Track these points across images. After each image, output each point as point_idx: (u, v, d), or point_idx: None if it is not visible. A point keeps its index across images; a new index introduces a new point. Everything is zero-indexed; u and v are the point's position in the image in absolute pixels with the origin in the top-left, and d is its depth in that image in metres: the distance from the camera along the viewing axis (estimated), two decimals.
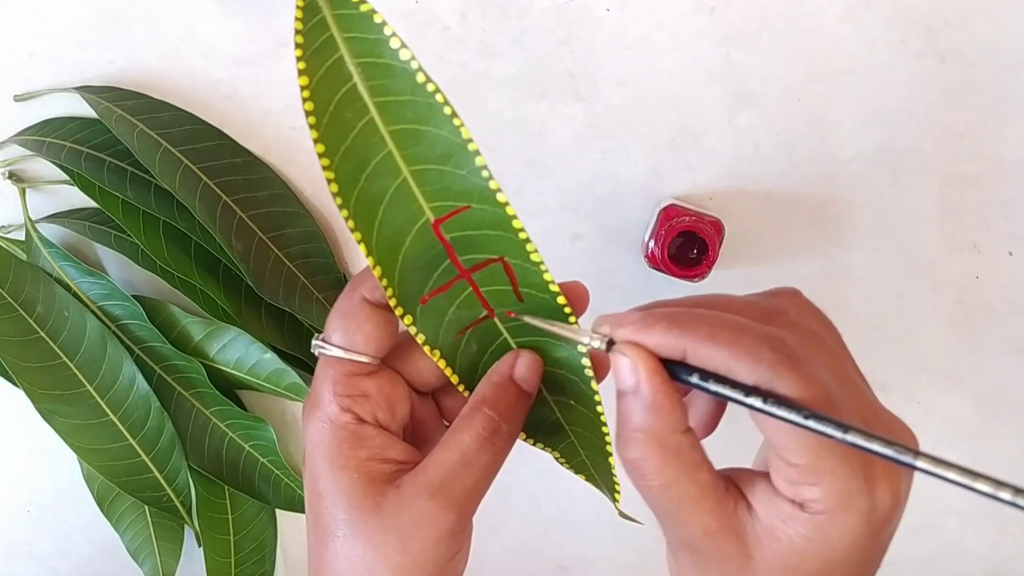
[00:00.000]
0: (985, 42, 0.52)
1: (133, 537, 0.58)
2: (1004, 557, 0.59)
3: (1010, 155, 0.53)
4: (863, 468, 0.29)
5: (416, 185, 0.33)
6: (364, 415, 0.35)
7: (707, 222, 0.50)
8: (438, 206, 0.33)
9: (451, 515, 0.33)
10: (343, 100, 0.31)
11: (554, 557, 0.61)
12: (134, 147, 0.52)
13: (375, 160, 0.32)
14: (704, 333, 0.30)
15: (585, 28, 0.53)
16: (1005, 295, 0.55)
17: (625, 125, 0.54)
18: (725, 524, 0.30)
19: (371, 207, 0.33)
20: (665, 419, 0.30)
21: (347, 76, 0.31)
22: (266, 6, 0.54)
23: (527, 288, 0.35)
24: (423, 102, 0.32)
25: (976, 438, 0.57)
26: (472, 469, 0.34)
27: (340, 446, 0.34)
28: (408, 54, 0.31)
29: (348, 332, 0.35)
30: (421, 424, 0.37)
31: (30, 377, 0.53)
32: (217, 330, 0.56)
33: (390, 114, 0.32)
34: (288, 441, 0.60)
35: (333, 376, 0.35)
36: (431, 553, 0.33)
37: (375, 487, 0.34)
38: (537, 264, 0.34)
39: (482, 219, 0.33)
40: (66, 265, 0.56)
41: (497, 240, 0.34)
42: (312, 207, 0.57)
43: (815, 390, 0.29)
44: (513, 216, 0.33)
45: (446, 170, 0.33)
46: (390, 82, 0.31)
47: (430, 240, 0.34)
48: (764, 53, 0.53)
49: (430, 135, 0.32)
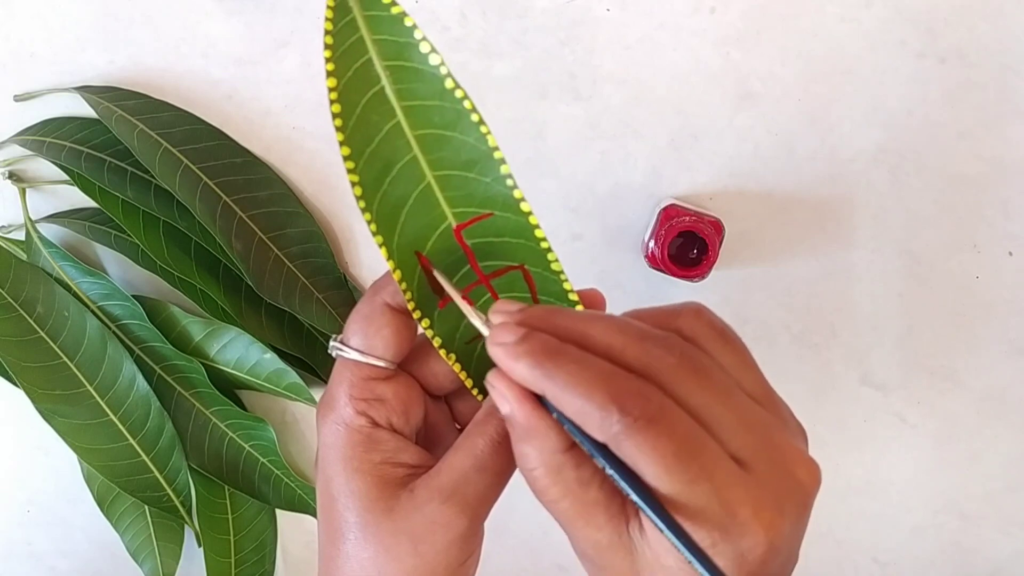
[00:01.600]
0: (985, 42, 0.52)
1: (133, 537, 0.58)
2: (1004, 557, 0.59)
3: (1010, 155, 0.53)
4: (726, 518, 0.29)
5: (440, 190, 0.33)
6: (379, 419, 0.35)
7: (707, 222, 0.50)
8: (461, 212, 0.33)
9: (464, 519, 0.33)
10: (370, 103, 0.31)
11: (554, 557, 0.61)
12: (134, 147, 0.52)
13: (400, 164, 0.32)
14: (562, 380, 0.29)
15: (585, 28, 0.53)
16: (1005, 295, 0.55)
17: (625, 125, 0.54)
18: (615, 541, 0.31)
19: (394, 211, 0.33)
20: (542, 441, 0.30)
21: (375, 79, 0.31)
22: (266, 6, 0.54)
23: (546, 296, 0.35)
24: (450, 108, 0.32)
25: (976, 438, 0.57)
26: (485, 474, 0.34)
27: (354, 449, 0.34)
28: (438, 59, 0.31)
29: (368, 336, 0.35)
30: (434, 428, 0.37)
31: (30, 377, 0.53)
32: (217, 330, 0.56)
33: (417, 119, 0.32)
34: (288, 441, 0.60)
35: (350, 379, 0.35)
36: (443, 557, 0.33)
37: (388, 490, 0.34)
38: (557, 274, 0.34)
39: (504, 226, 0.33)
40: (66, 265, 0.56)
41: (518, 248, 0.34)
42: (312, 207, 0.57)
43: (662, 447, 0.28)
44: (536, 225, 0.33)
45: (471, 177, 0.33)
46: (418, 86, 0.31)
47: (451, 245, 0.34)
48: (764, 53, 0.53)
49: (456, 141, 0.32)
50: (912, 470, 0.58)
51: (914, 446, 0.58)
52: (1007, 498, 0.58)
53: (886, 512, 0.58)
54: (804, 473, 0.30)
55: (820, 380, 0.57)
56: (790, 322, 0.56)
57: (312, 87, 0.55)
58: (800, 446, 0.31)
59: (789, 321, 0.56)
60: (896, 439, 0.58)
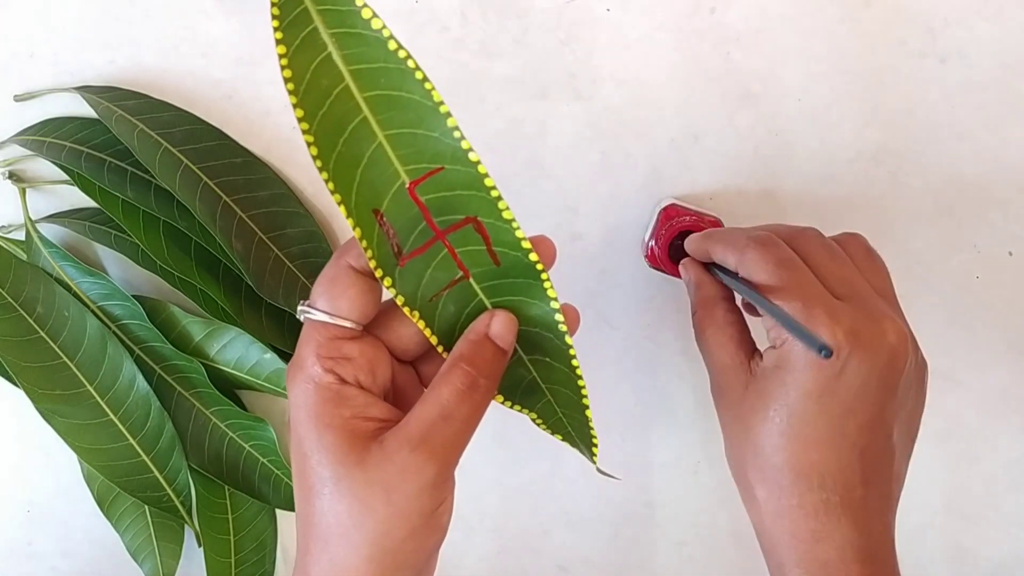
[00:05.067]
0: (985, 42, 0.52)
1: (133, 537, 0.58)
2: (1004, 557, 0.59)
3: (1010, 155, 0.53)
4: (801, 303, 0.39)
5: (391, 149, 0.34)
6: (346, 376, 0.36)
7: (707, 222, 0.50)
8: (413, 168, 0.34)
9: (433, 465, 0.34)
10: (319, 68, 0.32)
11: (554, 557, 0.61)
12: (134, 147, 0.52)
13: (351, 125, 0.33)
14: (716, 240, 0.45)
15: (585, 28, 0.53)
16: (1005, 295, 0.55)
17: (625, 125, 0.54)
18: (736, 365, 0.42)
19: (349, 171, 0.34)
20: (705, 290, 0.45)
21: (322, 46, 0.32)
22: (266, 6, 0.54)
23: (500, 247, 0.36)
24: (395, 68, 0.33)
25: (976, 438, 0.57)
26: (452, 422, 0.35)
27: (324, 406, 0.35)
28: (379, 23, 0.32)
29: (333, 297, 0.36)
30: (401, 391, 0.39)
31: (30, 377, 0.53)
32: (217, 330, 0.56)
33: (364, 81, 0.33)
34: (288, 441, 0.60)
35: (317, 339, 0.36)
36: (415, 503, 0.34)
37: (359, 443, 0.35)
38: (509, 222, 0.35)
39: (455, 180, 0.34)
40: (66, 265, 0.56)
41: (470, 200, 0.35)
42: (312, 207, 0.57)
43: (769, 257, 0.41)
44: (485, 174, 0.34)
45: (419, 133, 0.33)
46: (363, 50, 0.32)
47: (407, 203, 0.34)
48: (764, 53, 0.53)
49: (403, 100, 0.33)
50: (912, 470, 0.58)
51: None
52: (1007, 498, 0.58)
53: None
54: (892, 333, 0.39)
55: None
56: None
57: None
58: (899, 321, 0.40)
59: None
60: None
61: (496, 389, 0.37)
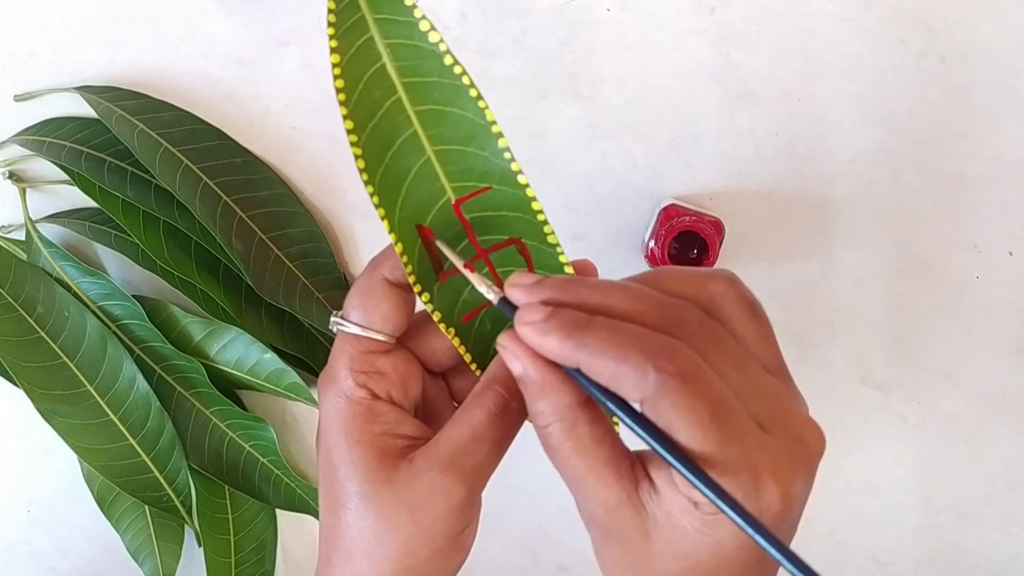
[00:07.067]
0: (985, 42, 0.52)
1: (133, 537, 0.58)
2: (1004, 557, 0.59)
3: (1010, 155, 0.53)
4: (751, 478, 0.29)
5: (439, 165, 0.33)
6: (379, 391, 0.35)
7: (707, 222, 0.50)
8: (460, 186, 0.34)
9: (462, 488, 0.34)
10: (372, 79, 0.32)
11: (554, 557, 0.61)
12: (134, 147, 0.52)
13: (401, 139, 0.33)
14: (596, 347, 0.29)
15: (585, 28, 0.53)
16: (1005, 295, 0.55)
17: (625, 125, 0.54)
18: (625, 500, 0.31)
19: (395, 184, 0.33)
20: (557, 396, 0.31)
21: (377, 56, 0.32)
22: (266, 6, 0.54)
23: (542, 270, 0.35)
24: (449, 84, 0.32)
25: (976, 438, 0.57)
26: (482, 444, 0.34)
27: (355, 420, 0.35)
28: (437, 36, 0.32)
29: (367, 310, 0.35)
30: (432, 404, 0.38)
31: (30, 377, 0.53)
32: (217, 330, 0.56)
33: (417, 94, 0.32)
34: (288, 441, 0.60)
35: (350, 353, 0.35)
36: (441, 525, 0.34)
37: (388, 460, 0.34)
38: (553, 246, 0.35)
39: (502, 200, 0.34)
40: (66, 265, 0.56)
41: (515, 221, 0.34)
42: (312, 207, 0.57)
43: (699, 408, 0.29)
44: (532, 198, 0.34)
45: (469, 151, 0.33)
46: (418, 63, 0.32)
47: (450, 219, 0.34)
48: (764, 53, 0.53)
49: (455, 116, 0.33)
50: (912, 470, 0.58)
51: (914, 446, 0.58)
52: (1007, 498, 0.58)
53: (886, 512, 0.59)
54: (813, 438, 0.31)
55: (820, 380, 0.57)
56: (790, 322, 0.56)
57: (312, 87, 0.55)
58: (807, 414, 0.32)
59: (789, 321, 0.56)
60: (896, 439, 0.58)
61: (527, 413, 0.35)
